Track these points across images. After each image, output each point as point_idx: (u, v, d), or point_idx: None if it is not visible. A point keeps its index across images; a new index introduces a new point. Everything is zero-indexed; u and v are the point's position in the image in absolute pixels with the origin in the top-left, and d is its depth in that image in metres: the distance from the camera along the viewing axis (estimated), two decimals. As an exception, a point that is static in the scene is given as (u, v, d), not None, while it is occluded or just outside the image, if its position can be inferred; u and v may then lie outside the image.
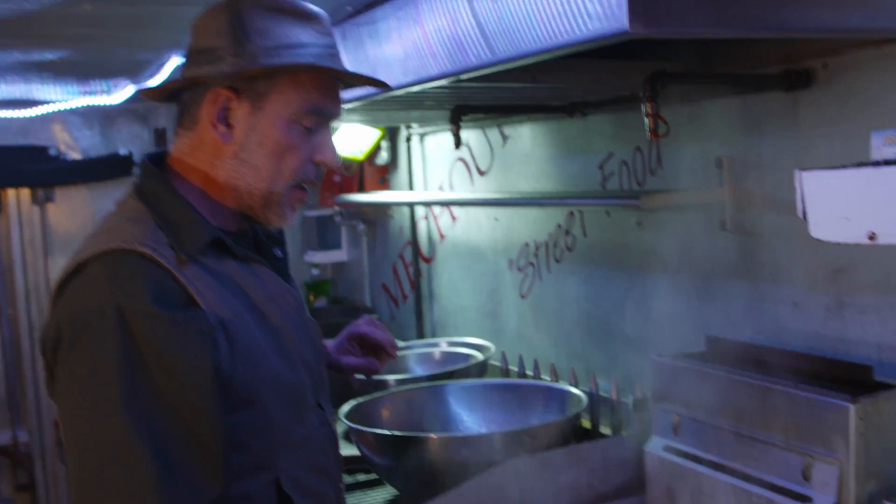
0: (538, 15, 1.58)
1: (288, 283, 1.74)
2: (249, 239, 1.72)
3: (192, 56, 1.61)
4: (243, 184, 1.61)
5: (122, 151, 4.86)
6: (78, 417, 1.43)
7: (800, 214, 1.47)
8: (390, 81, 2.14)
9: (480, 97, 2.52)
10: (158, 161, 1.66)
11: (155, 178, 1.62)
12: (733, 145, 2.25)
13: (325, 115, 1.65)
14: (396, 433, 2.25)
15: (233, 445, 1.49)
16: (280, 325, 1.64)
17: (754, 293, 2.24)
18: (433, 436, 2.22)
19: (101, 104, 4.63)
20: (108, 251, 1.47)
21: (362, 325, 2.09)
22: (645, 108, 1.87)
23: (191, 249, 1.52)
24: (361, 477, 2.52)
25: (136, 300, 1.42)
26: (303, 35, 1.60)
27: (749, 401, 1.86)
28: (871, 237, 1.35)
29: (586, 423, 2.57)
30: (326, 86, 1.64)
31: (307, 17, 1.62)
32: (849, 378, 1.80)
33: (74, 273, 1.49)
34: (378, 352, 2.08)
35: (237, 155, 1.60)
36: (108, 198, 4.79)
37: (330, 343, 2.08)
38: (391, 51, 2.13)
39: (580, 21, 1.49)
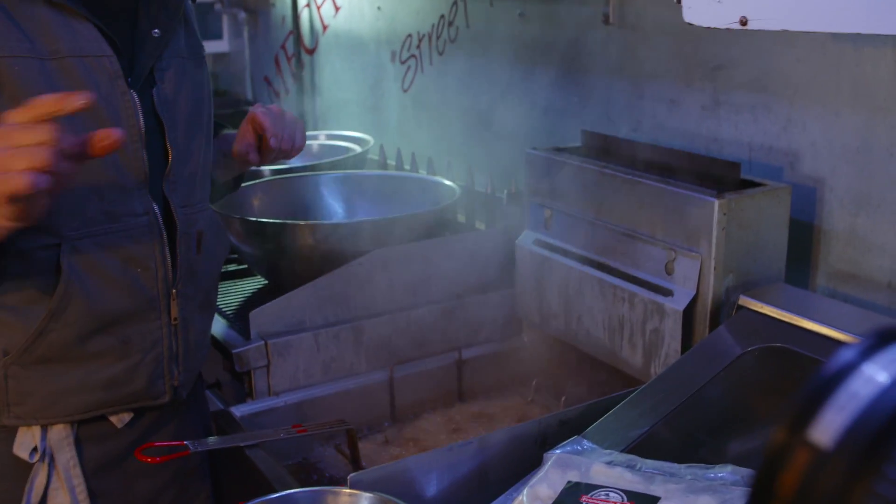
0: None
1: (166, 67, 1.63)
2: (127, 5, 1.59)
3: None
4: None
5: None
6: None
7: (675, -2, 1.41)
8: None
9: None
10: None
11: None
12: (620, -67, 2.17)
13: None
14: (264, 220, 2.18)
15: None
16: (80, 86, 1.50)
17: (633, 90, 2.20)
18: (301, 223, 2.17)
19: None
20: None
21: (255, 107, 1.87)
22: None
23: None
24: (232, 267, 2.47)
25: None
26: None
27: (619, 195, 1.85)
28: (743, 22, 1.30)
29: (461, 218, 2.54)
30: None
31: None
32: (717, 175, 1.79)
33: None
34: (266, 143, 1.85)
35: None
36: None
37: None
38: None
39: None
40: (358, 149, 3.02)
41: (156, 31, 1.63)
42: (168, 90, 1.64)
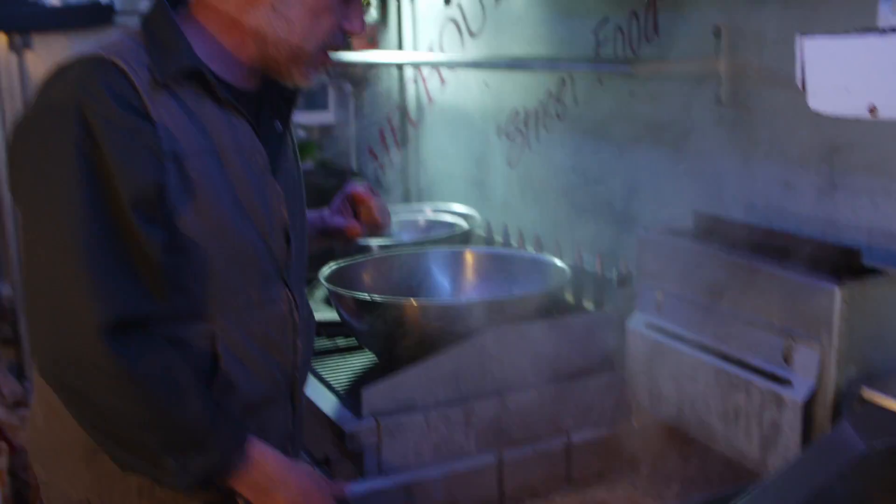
0: None
1: (283, 158, 1.73)
2: (253, 98, 1.69)
3: None
4: (272, 35, 1.60)
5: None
6: (29, 204, 1.49)
7: (798, 84, 1.39)
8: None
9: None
10: (175, 4, 1.65)
11: (161, 9, 1.61)
12: (732, 13, 2.15)
13: None
14: (376, 298, 2.21)
15: (173, 284, 1.53)
16: (241, 180, 1.61)
17: (746, 170, 2.18)
18: (414, 302, 2.19)
19: (83, -51, 4.48)
20: (87, 57, 1.50)
21: (354, 184, 2.05)
22: (644, -30, 1.78)
23: (166, 71, 1.53)
24: (341, 342, 2.49)
25: (97, 101, 1.46)
26: None
27: (734, 280, 1.82)
28: (872, 110, 1.28)
29: (569, 297, 2.53)
30: None
31: None
32: (836, 261, 1.75)
33: (47, 76, 1.54)
34: (364, 212, 2.05)
35: (274, 6, 1.59)
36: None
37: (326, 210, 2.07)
38: None
39: None
40: (464, 224, 3.04)
41: (278, 123, 1.70)
42: (286, 180, 1.71)
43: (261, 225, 1.65)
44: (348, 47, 1.73)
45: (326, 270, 2.41)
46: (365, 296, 2.23)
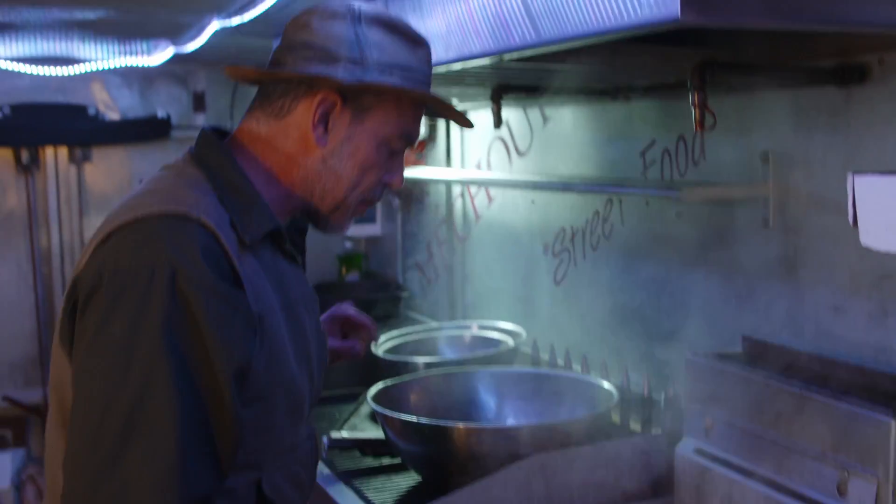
0: (587, -3, 1.52)
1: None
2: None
3: (299, 50, 1.59)
4: (320, 187, 1.62)
5: (161, 114, 4.83)
6: (102, 377, 1.35)
7: (850, 220, 1.40)
8: (432, 57, 2.10)
9: (523, 77, 2.46)
10: (219, 136, 1.64)
11: (218, 149, 1.59)
12: (780, 140, 2.18)
13: (411, 140, 1.67)
14: (423, 421, 2.21)
15: (239, 442, 1.45)
16: (303, 329, 1.62)
17: (794, 295, 2.17)
18: (460, 425, 2.18)
19: (141, 65, 4.62)
20: (169, 213, 1.42)
21: (346, 307, 2.04)
22: (692, 97, 1.81)
23: (253, 235, 1.51)
24: (386, 461, 2.48)
25: (193, 268, 1.37)
26: (412, 59, 1.63)
27: (786, 408, 1.80)
28: (926, 250, 1.28)
29: (615, 418, 2.51)
30: (420, 113, 1.67)
31: (418, 43, 1.65)
32: (890, 391, 1.73)
33: (126, 226, 1.42)
34: (360, 333, 2.04)
35: (325, 160, 1.60)
36: (145, 160, 4.79)
37: None
38: (434, 25, 2.07)
39: (630, 6, 1.42)
40: (510, 341, 3.04)
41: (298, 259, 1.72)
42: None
43: (310, 371, 1.65)
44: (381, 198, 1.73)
45: (373, 390, 2.41)
46: (412, 418, 2.22)
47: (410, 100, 1.63)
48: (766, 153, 2.17)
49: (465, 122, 1.74)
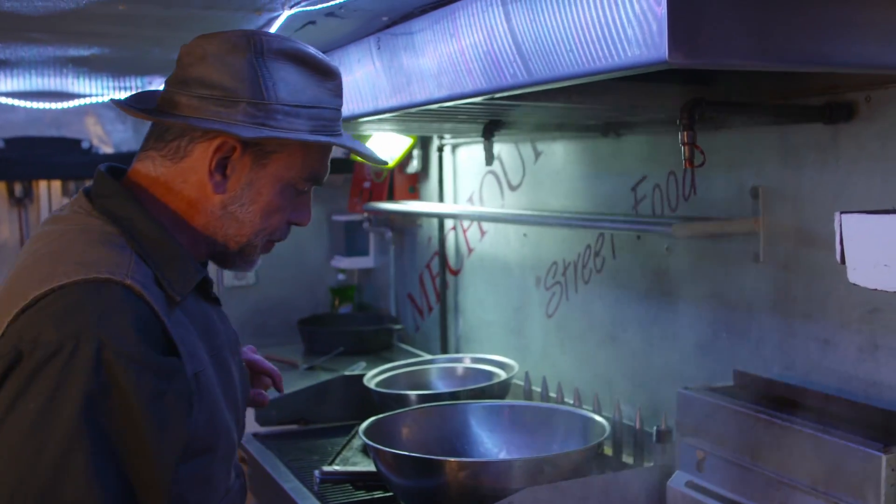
0: (576, 38, 1.54)
1: None
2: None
3: (195, 87, 1.47)
4: (222, 235, 1.54)
5: (154, 148, 4.84)
6: (12, 457, 1.25)
7: (838, 258, 1.42)
8: (424, 95, 2.12)
9: (514, 113, 2.49)
10: (118, 175, 1.54)
11: (123, 196, 1.48)
12: (770, 176, 2.21)
13: (318, 180, 1.60)
14: (415, 455, 2.21)
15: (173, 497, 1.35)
16: (230, 375, 1.57)
17: (785, 328, 2.19)
18: (453, 459, 2.19)
19: (136, 100, 4.61)
20: (90, 280, 1.32)
21: (249, 352, 1.88)
22: (681, 136, 1.83)
23: (182, 290, 1.44)
24: (378, 494, 2.48)
25: (122, 340, 1.28)
26: (320, 94, 1.54)
27: (776, 442, 1.82)
28: (913, 286, 1.30)
29: (608, 450, 2.52)
30: (327, 153, 1.59)
31: (327, 74, 1.56)
32: (880, 424, 1.75)
33: (42, 298, 1.31)
34: (263, 381, 1.89)
35: (225, 206, 1.52)
36: (138, 194, 4.78)
37: None
38: (426, 64, 2.09)
39: (619, 47, 1.44)
40: (503, 374, 3.05)
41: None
42: None
43: (237, 415, 1.60)
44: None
45: (366, 424, 2.42)
46: (404, 453, 2.23)
47: (318, 144, 1.54)
48: (756, 189, 2.20)
49: (376, 161, 1.67)
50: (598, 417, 2.42)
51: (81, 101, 4.45)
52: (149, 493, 1.30)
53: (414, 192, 4.13)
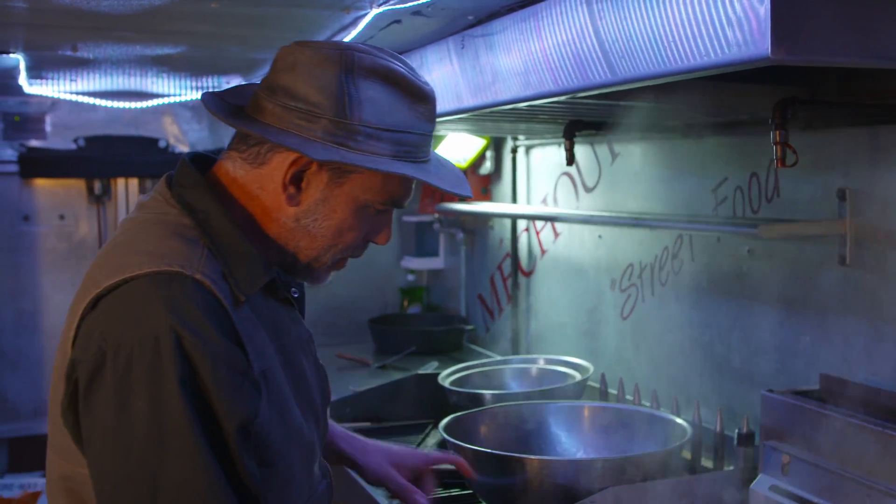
0: (666, 38, 1.53)
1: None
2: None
3: (281, 96, 1.46)
4: (293, 246, 1.53)
5: (228, 147, 4.91)
6: (134, 454, 1.30)
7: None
8: (508, 94, 2.12)
9: (595, 113, 2.48)
10: (202, 164, 1.55)
11: (203, 190, 1.49)
12: (857, 177, 2.18)
13: (398, 203, 1.56)
14: (497, 452, 2.21)
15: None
16: (302, 373, 1.57)
17: (871, 332, 2.15)
18: (534, 458, 2.18)
19: (212, 100, 4.68)
20: (166, 274, 1.35)
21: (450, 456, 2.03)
22: (773, 135, 1.81)
23: (249, 289, 1.44)
24: (456, 492, 2.49)
25: (198, 331, 1.32)
26: (409, 117, 1.48)
27: (866, 447, 1.79)
28: None
29: (686, 454, 2.50)
30: (410, 179, 1.53)
31: (419, 98, 1.51)
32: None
33: (114, 288, 1.35)
34: (426, 483, 2.02)
35: (298, 219, 1.51)
36: (212, 192, 4.86)
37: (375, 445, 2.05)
38: (510, 63, 2.10)
39: (717, 45, 1.44)
40: (577, 375, 3.04)
41: (294, 291, 1.65)
42: None
43: (315, 414, 1.60)
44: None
45: (444, 420, 2.43)
46: (486, 450, 2.23)
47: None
48: (843, 190, 2.17)
49: (460, 195, 1.58)
50: (678, 420, 2.40)
51: (159, 101, 4.53)
52: (233, 475, 1.34)
53: (486, 194, 4.14)
